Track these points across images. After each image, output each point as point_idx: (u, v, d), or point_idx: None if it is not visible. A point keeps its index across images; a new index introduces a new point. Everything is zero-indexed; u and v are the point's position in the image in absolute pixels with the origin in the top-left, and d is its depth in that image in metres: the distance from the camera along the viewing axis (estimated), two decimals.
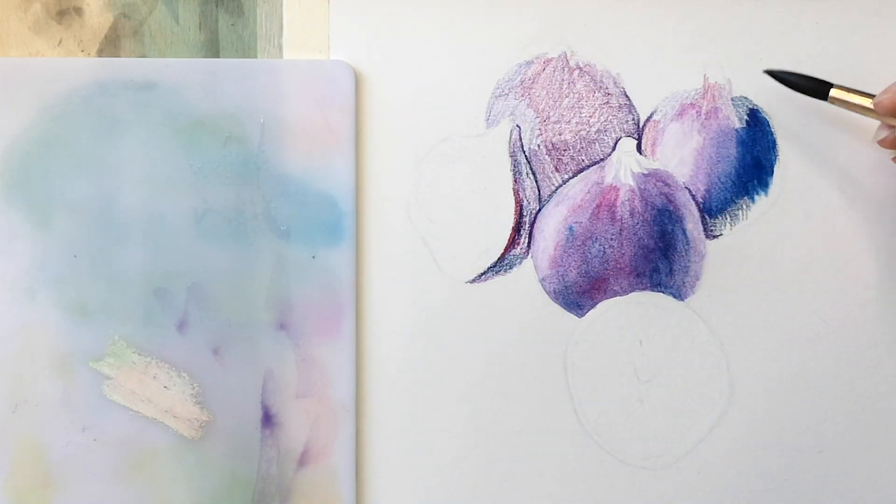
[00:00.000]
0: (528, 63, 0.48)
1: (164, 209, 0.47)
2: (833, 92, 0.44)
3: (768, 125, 0.48)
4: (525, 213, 0.48)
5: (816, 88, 0.45)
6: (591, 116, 0.48)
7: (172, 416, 0.47)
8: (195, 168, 0.47)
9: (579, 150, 0.48)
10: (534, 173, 0.48)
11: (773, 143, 0.48)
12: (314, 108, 0.47)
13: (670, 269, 0.48)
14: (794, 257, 0.48)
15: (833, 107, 0.45)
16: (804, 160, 0.47)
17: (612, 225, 0.48)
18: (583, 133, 0.48)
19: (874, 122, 0.46)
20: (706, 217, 0.48)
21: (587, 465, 0.48)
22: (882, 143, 0.45)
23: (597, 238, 0.48)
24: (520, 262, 0.48)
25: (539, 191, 0.48)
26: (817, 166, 0.47)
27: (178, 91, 0.47)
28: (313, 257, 0.47)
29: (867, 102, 0.44)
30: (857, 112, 0.44)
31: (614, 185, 0.48)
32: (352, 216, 0.47)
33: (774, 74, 0.46)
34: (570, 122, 0.48)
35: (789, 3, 0.48)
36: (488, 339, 0.48)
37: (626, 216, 0.48)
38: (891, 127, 0.44)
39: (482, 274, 0.48)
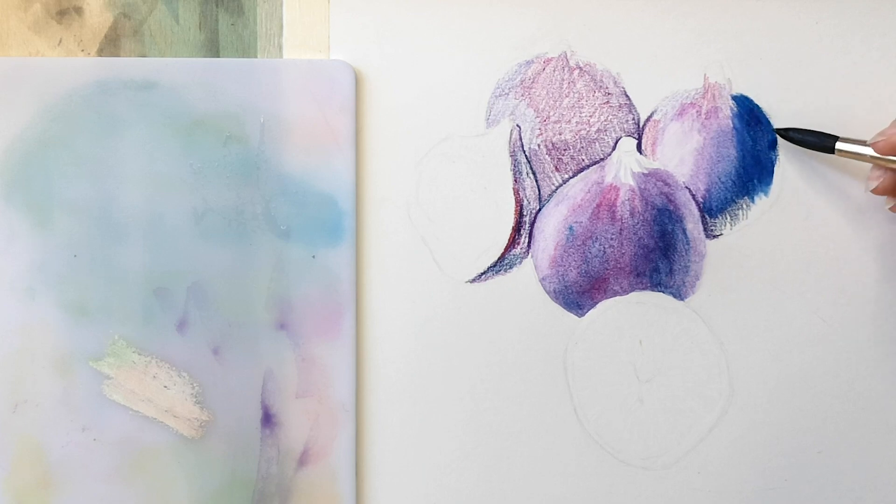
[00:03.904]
0: (528, 63, 0.48)
1: (164, 209, 0.47)
2: (839, 145, 0.45)
3: (768, 125, 0.48)
4: (525, 213, 0.48)
5: (823, 144, 0.45)
6: (591, 116, 0.48)
7: (172, 416, 0.47)
8: (195, 168, 0.47)
9: (579, 150, 0.48)
10: (534, 173, 0.48)
11: (773, 142, 0.48)
12: (314, 107, 0.47)
13: (670, 269, 0.48)
14: (794, 257, 0.48)
15: (832, 107, 0.45)
16: (804, 160, 0.47)
17: (613, 224, 0.48)
18: (583, 133, 0.48)
19: (874, 122, 0.46)
20: (706, 217, 0.48)
21: (587, 465, 0.48)
22: (875, 191, 0.44)
23: (597, 238, 0.48)
24: (520, 262, 0.48)
25: (539, 190, 0.48)
26: (817, 166, 0.47)
27: (177, 91, 0.47)
28: (313, 257, 0.47)
29: (868, 150, 0.44)
30: (862, 161, 0.44)
31: (614, 184, 0.48)
32: (352, 216, 0.47)
33: (782, 133, 0.47)
34: (570, 121, 0.48)
35: (789, 3, 0.48)
36: (488, 339, 0.48)
37: (626, 216, 0.48)
38: (889, 170, 0.44)
39: (482, 274, 0.48)
